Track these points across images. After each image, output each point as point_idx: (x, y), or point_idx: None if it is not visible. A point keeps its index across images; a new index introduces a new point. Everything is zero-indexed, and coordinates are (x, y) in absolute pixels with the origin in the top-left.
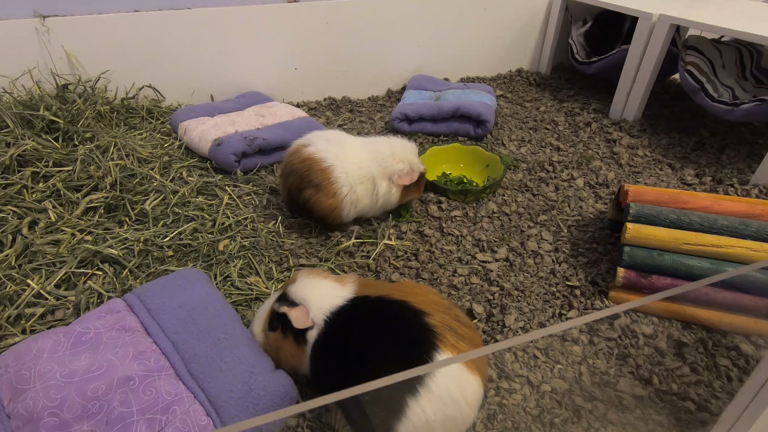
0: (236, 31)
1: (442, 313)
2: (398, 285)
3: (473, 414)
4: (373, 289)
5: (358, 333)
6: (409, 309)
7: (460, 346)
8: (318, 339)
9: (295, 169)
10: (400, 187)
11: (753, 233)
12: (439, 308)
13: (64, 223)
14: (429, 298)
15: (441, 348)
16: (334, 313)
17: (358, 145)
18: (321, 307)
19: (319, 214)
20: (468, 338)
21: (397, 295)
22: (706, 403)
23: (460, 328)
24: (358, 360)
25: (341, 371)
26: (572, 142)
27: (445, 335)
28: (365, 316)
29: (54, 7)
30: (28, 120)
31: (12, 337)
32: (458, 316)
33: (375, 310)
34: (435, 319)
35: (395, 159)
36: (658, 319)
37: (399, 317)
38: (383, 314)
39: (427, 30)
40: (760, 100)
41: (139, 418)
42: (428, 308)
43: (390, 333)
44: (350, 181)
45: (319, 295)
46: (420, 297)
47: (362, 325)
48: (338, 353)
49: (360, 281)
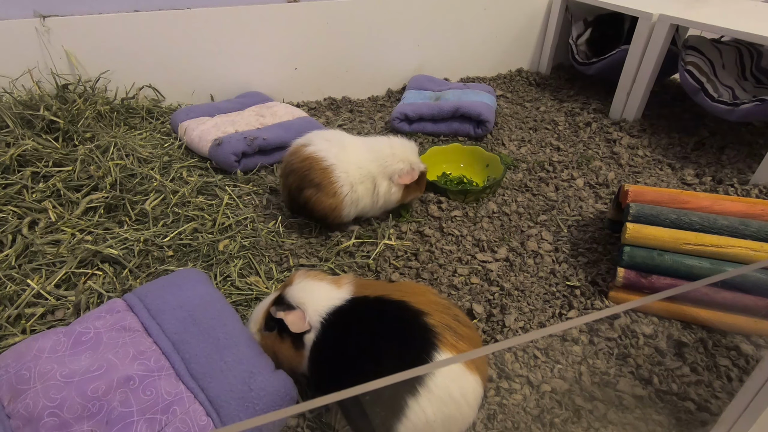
0: (236, 31)
1: (441, 313)
2: (397, 285)
3: (473, 414)
4: (372, 290)
5: (356, 334)
6: (409, 309)
7: (460, 346)
8: (316, 341)
9: (295, 168)
10: (400, 186)
11: (753, 233)
12: (438, 308)
13: (64, 223)
14: (428, 297)
15: (440, 348)
16: (331, 315)
17: (359, 144)
18: (317, 310)
19: (319, 214)
20: (467, 338)
21: (396, 296)
22: (706, 403)
23: (459, 328)
24: (357, 361)
25: (341, 372)
26: (572, 142)
27: (445, 335)
28: (364, 316)
29: (54, 7)
30: (28, 120)
31: (12, 337)
32: (457, 315)
33: (373, 311)
34: (434, 318)
35: (395, 158)
36: (658, 319)
37: (398, 317)
38: (382, 315)
39: (427, 30)
40: (760, 100)
41: (139, 418)
42: (427, 308)
43: (389, 333)
44: (350, 180)
45: (316, 298)
46: (419, 297)
47: (361, 326)
48: (337, 355)
49: (357, 282)
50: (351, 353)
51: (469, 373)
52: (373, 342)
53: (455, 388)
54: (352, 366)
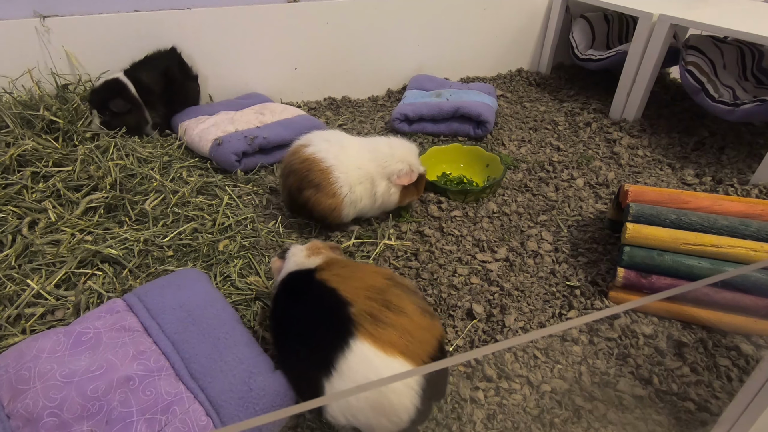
0: (236, 31)
1: (369, 300)
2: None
3: (404, 401)
4: (329, 273)
5: (293, 307)
6: (336, 297)
7: (378, 333)
8: (274, 294)
9: (295, 169)
10: (399, 187)
11: (753, 233)
12: (369, 294)
13: (64, 223)
14: (366, 283)
15: (357, 336)
16: (286, 278)
17: (358, 145)
18: (286, 269)
19: (319, 214)
20: (393, 325)
21: (332, 282)
22: (706, 403)
23: (385, 315)
24: (284, 329)
25: (274, 332)
26: (572, 142)
27: (363, 324)
28: (303, 292)
29: (54, 7)
30: (28, 120)
31: (12, 337)
32: (389, 302)
33: (306, 291)
34: (356, 307)
35: (394, 159)
36: (658, 319)
37: (324, 304)
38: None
39: (427, 30)
40: (760, 101)
41: (138, 418)
42: (354, 296)
43: (315, 316)
44: (350, 181)
45: (292, 260)
46: (354, 283)
47: (298, 302)
48: (274, 315)
49: (327, 260)
50: (282, 320)
51: (389, 358)
52: (302, 320)
53: (371, 372)
54: (281, 332)
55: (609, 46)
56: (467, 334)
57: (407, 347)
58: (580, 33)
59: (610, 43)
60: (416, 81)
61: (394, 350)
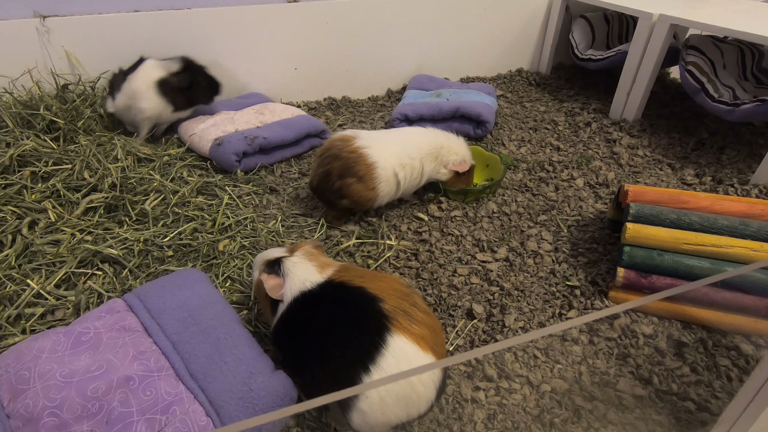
0: (236, 31)
1: (398, 299)
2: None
3: (429, 393)
4: (347, 275)
5: (315, 317)
6: (365, 295)
7: (413, 329)
8: (283, 314)
9: (343, 156)
10: (451, 171)
11: (753, 233)
12: (396, 294)
13: (64, 223)
14: (389, 284)
15: (393, 331)
16: (301, 295)
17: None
18: (293, 286)
19: (354, 201)
20: (423, 323)
21: (356, 282)
22: (706, 403)
23: (414, 313)
24: (312, 343)
25: (296, 351)
26: (572, 142)
27: (398, 318)
28: (324, 301)
29: (54, 7)
30: (27, 120)
31: (12, 337)
32: (416, 302)
33: (333, 296)
34: (389, 303)
35: (451, 151)
36: (658, 319)
37: (354, 303)
38: (340, 300)
39: (427, 30)
40: (760, 101)
41: (138, 419)
42: (384, 294)
43: (345, 317)
44: (387, 176)
45: (298, 275)
46: (379, 283)
47: (320, 310)
48: (295, 334)
49: (340, 267)
50: (308, 336)
51: (422, 353)
52: (329, 326)
53: (406, 367)
54: (307, 347)
55: (609, 46)
56: (467, 334)
57: (435, 343)
58: (580, 33)
59: (610, 43)
60: (416, 81)
61: (426, 345)
